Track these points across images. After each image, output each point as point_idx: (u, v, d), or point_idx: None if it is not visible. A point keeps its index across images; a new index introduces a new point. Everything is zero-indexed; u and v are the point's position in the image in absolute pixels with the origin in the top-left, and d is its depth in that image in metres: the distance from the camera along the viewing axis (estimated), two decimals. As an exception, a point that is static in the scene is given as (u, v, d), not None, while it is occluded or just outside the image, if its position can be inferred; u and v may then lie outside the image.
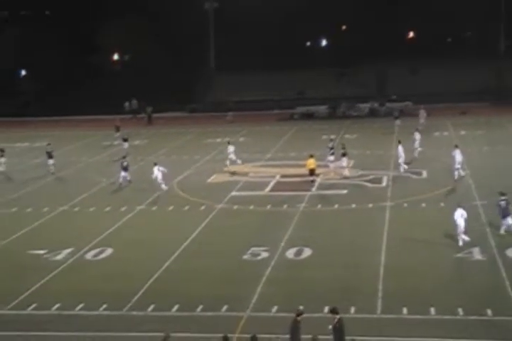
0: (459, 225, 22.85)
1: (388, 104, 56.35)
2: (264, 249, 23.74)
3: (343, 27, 79.64)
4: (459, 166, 31.79)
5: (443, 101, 56.36)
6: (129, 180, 34.03)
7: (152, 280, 21.46)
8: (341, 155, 34.18)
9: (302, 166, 33.77)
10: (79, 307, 19.65)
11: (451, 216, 23.16)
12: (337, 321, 15.33)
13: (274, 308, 18.86)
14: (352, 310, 18.42)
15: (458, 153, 31.82)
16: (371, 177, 33.60)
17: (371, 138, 44.92)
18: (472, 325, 17.38)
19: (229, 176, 35.57)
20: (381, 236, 24.44)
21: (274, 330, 16.60)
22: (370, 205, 28.79)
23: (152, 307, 19.40)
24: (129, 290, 20.58)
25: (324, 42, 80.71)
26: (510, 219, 23.79)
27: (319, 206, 29.25)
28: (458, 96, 57.29)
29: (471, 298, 19.01)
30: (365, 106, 56.89)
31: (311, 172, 32.31)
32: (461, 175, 31.95)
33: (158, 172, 32.22)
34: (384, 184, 32.38)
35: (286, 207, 29.33)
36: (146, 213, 29.39)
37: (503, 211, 23.92)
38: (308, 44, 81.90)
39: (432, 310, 18.25)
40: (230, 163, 36.64)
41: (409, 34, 77.36)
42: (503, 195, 24.08)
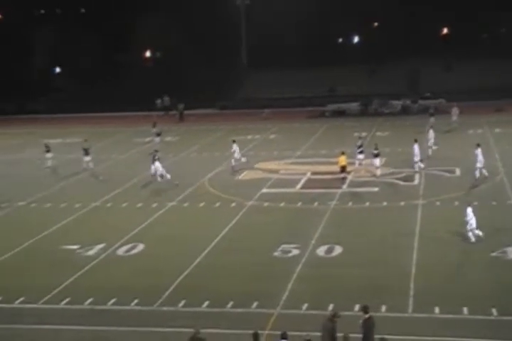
0: (471, 223, 22.65)
1: (421, 101, 55.47)
2: (294, 246, 23.70)
3: (375, 24, 79.14)
4: (480, 165, 30.87)
5: (477, 99, 55.30)
6: (161, 174, 33.17)
7: (183, 276, 21.56)
8: (374, 155, 33.68)
9: (333, 163, 33.61)
10: (111, 302, 19.84)
11: (475, 215, 22.82)
12: (367, 319, 15.24)
13: (305, 306, 18.82)
14: (383, 308, 18.29)
15: (479, 152, 30.97)
16: (403, 175, 33.32)
17: (403, 136, 44.45)
18: (507, 326, 17.11)
19: (261, 173, 35.56)
20: (413, 235, 24.20)
21: (305, 328, 16.52)
22: (402, 203, 28.54)
23: (183, 303, 19.50)
24: (160, 286, 20.70)
25: (356, 39, 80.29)
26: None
27: (350, 203, 29.09)
28: (493, 93, 56.35)
29: (505, 298, 18.72)
30: (398, 104, 56.01)
31: (342, 170, 32.11)
32: (484, 175, 31.01)
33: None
34: (416, 182, 32.06)
35: (317, 204, 29.22)
36: (178, 209, 29.55)
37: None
38: (340, 41, 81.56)
39: (465, 310, 18.02)
40: (234, 161, 36.45)
41: (443, 30, 76.47)
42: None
